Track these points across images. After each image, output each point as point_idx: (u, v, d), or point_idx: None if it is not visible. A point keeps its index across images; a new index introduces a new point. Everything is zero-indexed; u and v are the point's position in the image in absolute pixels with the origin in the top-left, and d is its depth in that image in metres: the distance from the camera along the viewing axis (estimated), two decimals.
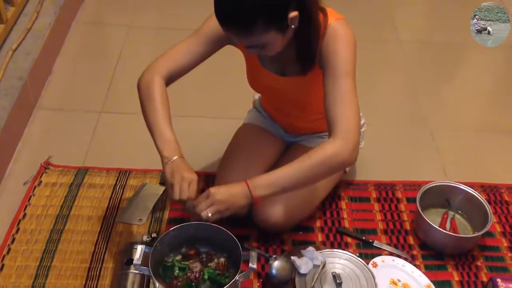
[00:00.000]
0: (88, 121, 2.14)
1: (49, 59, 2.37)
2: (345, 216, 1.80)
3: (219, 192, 1.35)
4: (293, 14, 1.29)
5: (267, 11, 1.25)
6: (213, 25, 1.43)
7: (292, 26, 1.32)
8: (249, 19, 1.25)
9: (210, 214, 1.32)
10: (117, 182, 1.86)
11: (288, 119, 1.76)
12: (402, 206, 1.85)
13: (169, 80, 1.49)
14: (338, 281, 1.49)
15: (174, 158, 1.37)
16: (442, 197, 1.81)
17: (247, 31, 1.27)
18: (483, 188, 1.93)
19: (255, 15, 1.24)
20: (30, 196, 1.79)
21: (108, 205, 1.79)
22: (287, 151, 1.80)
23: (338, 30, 1.40)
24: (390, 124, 2.26)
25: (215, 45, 1.50)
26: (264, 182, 1.35)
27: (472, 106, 2.41)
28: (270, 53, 1.37)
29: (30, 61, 2.14)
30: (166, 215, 1.76)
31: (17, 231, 1.68)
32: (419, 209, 1.69)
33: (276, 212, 1.60)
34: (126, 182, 1.86)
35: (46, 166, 1.90)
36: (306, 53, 1.42)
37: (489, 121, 2.34)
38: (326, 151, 1.34)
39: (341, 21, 1.42)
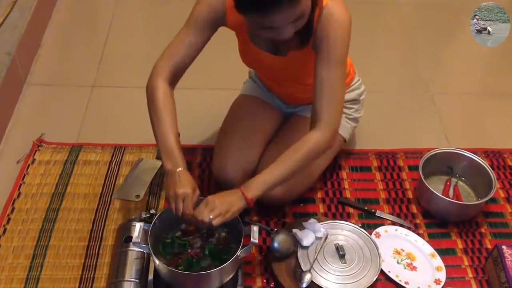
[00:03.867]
0: (81, 96, 2.09)
1: (37, 32, 2.31)
2: (346, 186, 1.77)
3: (217, 198, 1.35)
4: None
5: None
6: (202, 10, 1.44)
7: None
8: None
9: (211, 216, 1.32)
10: (113, 158, 1.83)
11: (284, 89, 1.72)
12: (404, 175, 1.82)
13: (175, 78, 1.47)
14: (341, 252, 1.48)
15: (177, 170, 1.36)
16: (444, 164, 1.78)
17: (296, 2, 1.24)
18: (486, 153, 1.91)
19: None
20: (24, 175, 1.76)
21: (104, 182, 1.75)
22: (287, 122, 1.76)
23: (334, 13, 1.38)
24: (389, 90, 2.22)
25: (210, 30, 1.47)
26: (256, 184, 1.39)
27: (473, 69, 2.37)
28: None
29: (18, 35, 2.07)
30: None
31: (12, 211, 1.65)
32: (422, 177, 1.67)
33: None
34: (121, 158, 1.83)
35: (39, 144, 1.85)
36: (302, 28, 1.37)
37: (491, 85, 2.30)
38: (309, 143, 1.41)
39: (337, 0, 1.39)
